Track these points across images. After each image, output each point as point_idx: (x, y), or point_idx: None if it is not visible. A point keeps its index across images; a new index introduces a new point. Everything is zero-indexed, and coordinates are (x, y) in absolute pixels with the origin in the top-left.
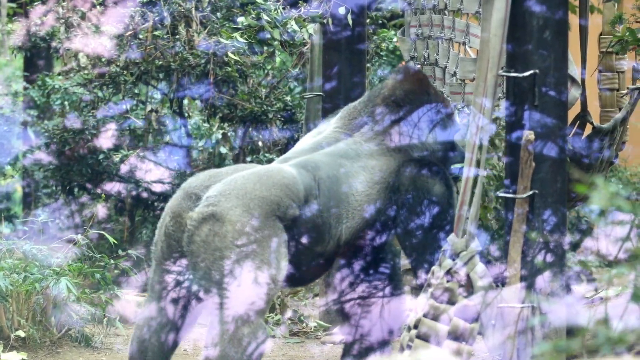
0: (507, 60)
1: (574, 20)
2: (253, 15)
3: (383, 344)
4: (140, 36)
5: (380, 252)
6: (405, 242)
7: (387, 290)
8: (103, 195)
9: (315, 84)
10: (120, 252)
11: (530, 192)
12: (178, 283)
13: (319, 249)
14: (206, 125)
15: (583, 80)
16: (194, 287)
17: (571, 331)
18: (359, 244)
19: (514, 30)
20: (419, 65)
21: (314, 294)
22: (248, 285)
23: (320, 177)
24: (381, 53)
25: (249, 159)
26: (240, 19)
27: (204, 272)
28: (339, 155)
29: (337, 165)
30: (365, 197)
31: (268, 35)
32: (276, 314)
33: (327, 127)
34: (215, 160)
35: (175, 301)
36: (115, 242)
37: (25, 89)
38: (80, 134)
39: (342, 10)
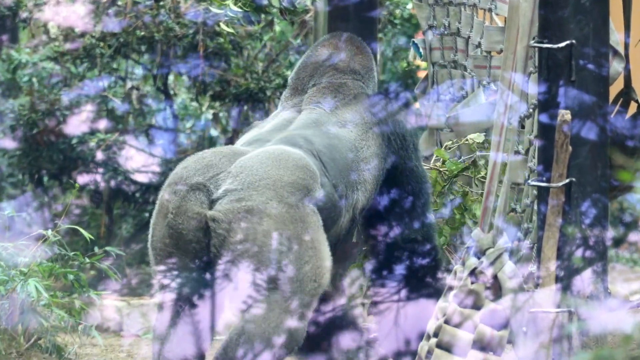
0: (539, 30)
1: None
2: None
3: (398, 355)
4: (119, 3)
5: (395, 241)
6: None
7: (405, 291)
8: (77, 185)
9: None
10: (96, 249)
11: (567, 181)
12: (202, 282)
13: (336, 229)
14: (195, 104)
15: (627, 52)
16: (228, 285)
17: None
18: (372, 221)
19: None
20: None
21: None
22: (302, 280)
23: (319, 150)
24: (395, 21)
25: None
26: None
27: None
28: (316, 124)
29: (325, 134)
30: (369, 155)
31: (265, 2)
32: None
33: (265, 123)
34: (205, 145)
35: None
36: (91, 237)
37: None
38: (50, 115)
39: None
